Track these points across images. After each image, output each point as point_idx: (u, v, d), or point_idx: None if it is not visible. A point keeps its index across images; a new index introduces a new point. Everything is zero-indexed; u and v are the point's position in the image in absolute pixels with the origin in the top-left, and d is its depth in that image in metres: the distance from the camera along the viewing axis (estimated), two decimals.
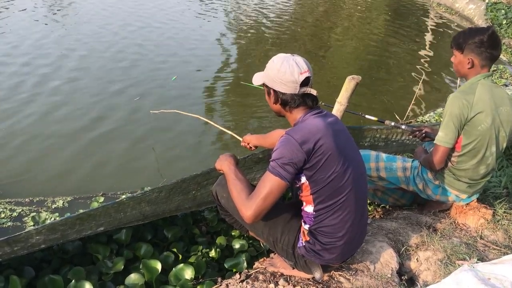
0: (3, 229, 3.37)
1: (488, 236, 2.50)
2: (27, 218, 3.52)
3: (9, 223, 3.46)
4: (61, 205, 3.74)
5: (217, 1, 10.84)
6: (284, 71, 1.74)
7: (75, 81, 5.97)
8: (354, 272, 2.07)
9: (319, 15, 11.09)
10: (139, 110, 5.37)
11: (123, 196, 3.55)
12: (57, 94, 5.60)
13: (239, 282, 2.08)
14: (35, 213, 3.49)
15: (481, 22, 10.16)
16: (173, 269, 2.34)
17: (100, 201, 3.07)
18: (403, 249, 2.32)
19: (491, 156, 2.38)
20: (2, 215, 3.52)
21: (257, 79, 1.89)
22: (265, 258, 2.42)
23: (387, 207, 3.20)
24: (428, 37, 9.78)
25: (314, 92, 1.78)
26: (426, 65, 7.99)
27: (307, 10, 11.32)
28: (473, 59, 2.29)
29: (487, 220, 2.59)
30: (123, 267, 2.41)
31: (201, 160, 4.53)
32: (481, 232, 2.51)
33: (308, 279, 2.04)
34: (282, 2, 11.56)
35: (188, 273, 2.31)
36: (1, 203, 3.68)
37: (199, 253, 2.72)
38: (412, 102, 5.49)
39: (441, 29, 10.52)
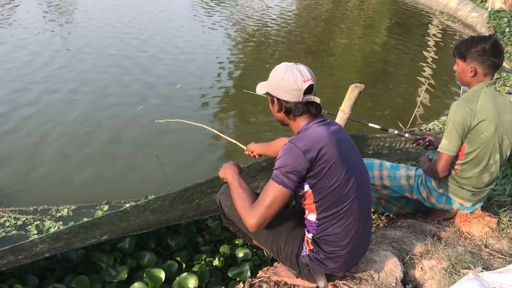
0: (8, 238, 3.38)
1: (493, 245, 2.48)
2: (31, 226, 3.53)
3: (14, 232, 3.47)
4: (66, 214, 3.75)
5: (221, 11, 10.93)
6: (287, 79, 1.75)
7: (78, 90, 6.01)
8: (358, 281, 2.06)
9: (322, 23, 11.15)
10: (144, 118, 5.40)
11: (127, 205, 3.57)
12: (60, 103, 5.63)
13: None
14: (39, 222, 3.50)
15: (483, 30, 10.18)
16: (177, 278, 2.33)
17: (104, 209, 3.07)
18: (407, 257, 2.31)
19: (495, 164, 2.37)
20: (7, 224, 3.54)
21: (261, 88, 1.90)
22: (268, 267, 2.41)
23: (391, 215, 3.19)
24: (431, 45, 9.80)
25: (317, 100, 1.78)
26: (429, 73, 8.00)
27: (310, 19, 11.38)
28: (476, 67, 2.30)
29: (492, 229, 2.57)
30: (126, 275, 2.41)
31: (204, 169, 4.54)
32: (486, 241, 2.50)
33: None
34: (285, 11, 11.63)
35: (192, 282, 2.30)
36: (5, 211, 3.69)
37: (203, 262, 2.72)
38: (416, 110, 5.50)
39: (443, 37, 10.54)
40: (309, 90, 1.76)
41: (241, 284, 2.16)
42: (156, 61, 7.29)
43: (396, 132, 2.91)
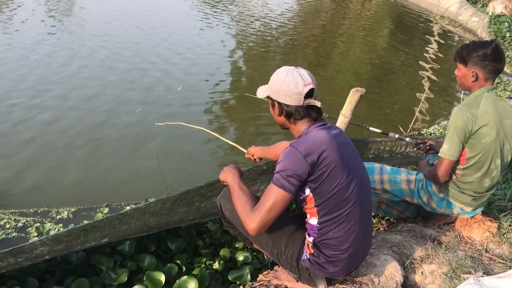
0: (8, 240, 3.38)
1: (494, 250, 2.48)
2: (31, 228, 3.53)
3: (14, 234, 3.47)
4: (66, 216, 3.75)
5: (222, 14, 10.95)
6: (288, 83, 1.75)
7: (78, 92, 6.01)
8: (358, 285, 2.06)
9: (323, 28, 11.17)
10: (144, 121, 5.40)
11: (128, 208, 3.57)
12: (60, 105, 5.63)
13: None
14: (39, 224, 3.50)
15: (484, 35, 10.20)
16: (177, 281, 2.32)
17: (104, 212, 3.08)
18: (407, 262, 2.31)
19: (496, 169, 2.37)
20: (7, 226, 3.54)
21: (262, 91, 1.90)
22: (269, 270, 2.41)
23: (391, 219, 3.18)
24: (432, 49, 9.81)
25: (318, 103, 1.78)
26: (430, 77, 8.00)
27: (310, 23, 11.41)
28: (477, 72, 2.30)
29: (492, 233, 2.57)
30: (126, 278, 2.40)
31: (205, 172, 4.54)
32: (486, 246, 2.50)
33: None
34: (285, 14, 11.66)
35: (192, 285, 2.30)
36: (6, 213, 3.69)
37: (203, 265, 2.71)
38: (416, 114, 5.50)
39: (444, 42, 10.56)
40: (309, 94, 1.77)
41: None
42: (156, 64, 7.30)
43: (396, 136, 2.91)
